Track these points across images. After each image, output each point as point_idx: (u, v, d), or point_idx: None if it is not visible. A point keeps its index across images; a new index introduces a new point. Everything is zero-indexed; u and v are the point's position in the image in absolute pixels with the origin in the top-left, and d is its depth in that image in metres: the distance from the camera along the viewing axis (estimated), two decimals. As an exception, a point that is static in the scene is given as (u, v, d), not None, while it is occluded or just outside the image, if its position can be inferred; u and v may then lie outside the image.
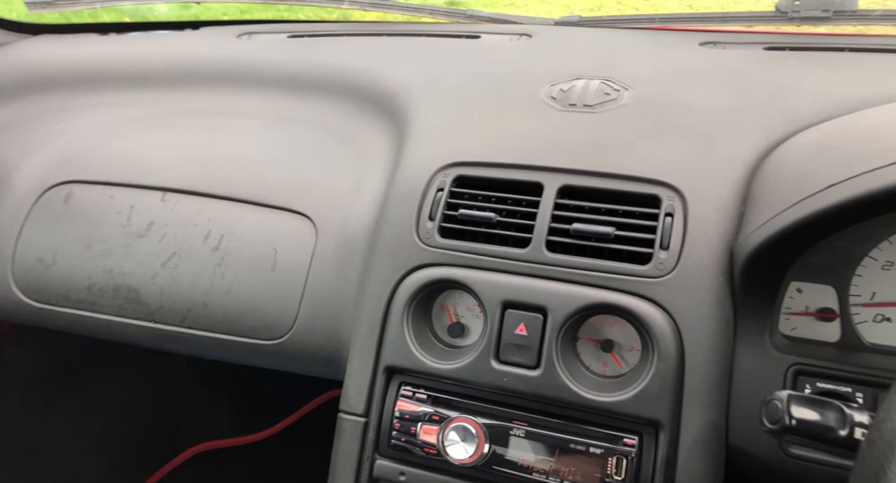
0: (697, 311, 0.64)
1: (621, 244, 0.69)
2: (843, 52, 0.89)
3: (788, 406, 0.45)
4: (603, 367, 0.71)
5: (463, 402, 0.69)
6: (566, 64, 0.95)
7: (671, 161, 0.72)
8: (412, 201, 0.76)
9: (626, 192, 0.71)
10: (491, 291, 0.70)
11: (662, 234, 0.68)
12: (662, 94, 0.84)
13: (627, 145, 0.76)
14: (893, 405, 0.31)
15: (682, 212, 0.68)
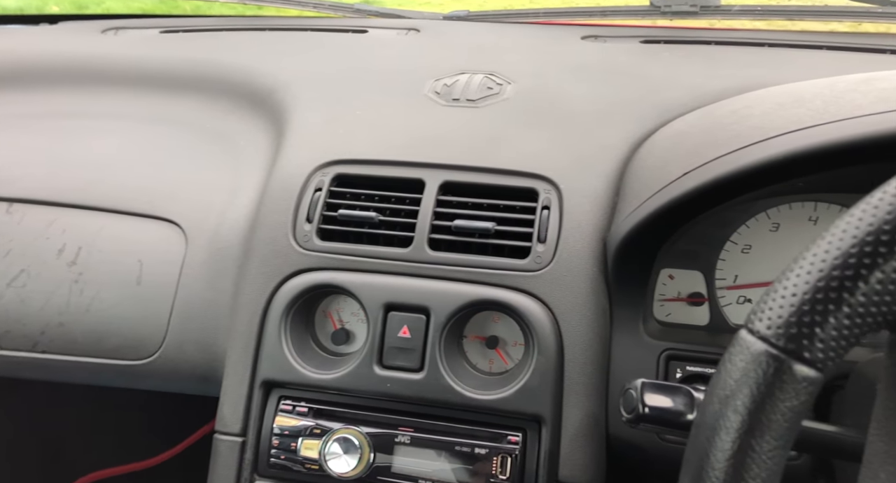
0: (574, 303, 0.65)
1: (502, 239, 0.68)
2: (710, 45, 0.93)
3: (642, 394, 0.45)
4: (489, 364, 0.70)
5: (346, 412, 0.66)
6: (452, 59, 0.93)
7: (548, 154, 0.72)
8: (288, 203, 0.72)
9: (505, 187, 0.71)
10: (372, 294, 0.67)
11: (539, 227, 0.68)
12: (543, 87, 0.85)
13: (507, 139, 0.75)
14: (714, 389, 0.31)
15: (558, 204, 0.69)
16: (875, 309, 0.27)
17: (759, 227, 0.66)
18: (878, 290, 0.27)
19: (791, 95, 0.59)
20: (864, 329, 0.28)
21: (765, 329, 0.29)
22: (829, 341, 0.28)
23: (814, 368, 0.28)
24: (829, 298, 0.28)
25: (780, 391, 0.28)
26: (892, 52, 0.83)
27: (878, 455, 0.35)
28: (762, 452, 0.29)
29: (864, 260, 0.27)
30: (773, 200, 0.65)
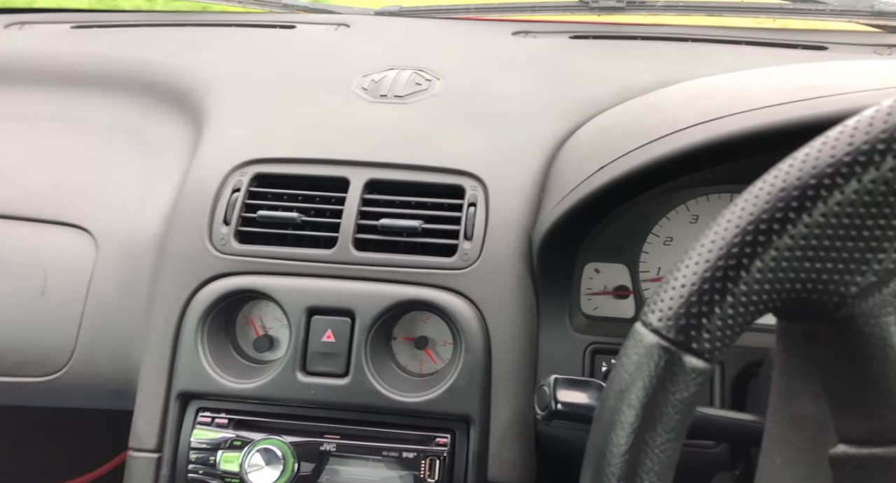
0: (501, 300, 0.64)
1: (429, 237, 0.67)
2: (637, 40, 0.95)
3: (554, 391, 0.45)
4: (419, 365, 0.69)
5: (269, 421, 0.64)
6: (381, 55, 0.92)
7: (475, 150, 0.72)
8: (204, 205, 0.69)
9: (432, 184, 0.70)
10: (293, 298, 0.65)
11: (466, 224, 0.67)
12: (472, 83, 0.84)
13: (434, 136, 0.74)
14: (611, 383, 0.30)
15: (485, 201, 0.68)
16: (757, 297, 0.28)
17: (679, 220, 0.67)
18: (759, 279, 0.27)
19: (702, 89, 0.60)
20: (749, 317, 0.28)
21: (656, 321, 0.29)
22: (716, 331, 0.28)
23: (702, 359, 0.28)
24: (714, 288, 0.28)
25: (670, 383, 0.28)
26: (804, 47, 0.86)
27: (774, 441, 0.35)
28: (655, 446, 0.29)
29: (745, 249, 0.27)
30: (692, 192, 0.66)
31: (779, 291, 0.28)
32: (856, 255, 0.27)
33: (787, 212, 0.27)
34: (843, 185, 0.26)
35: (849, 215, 0.26)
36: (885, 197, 0.26)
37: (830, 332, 0.29)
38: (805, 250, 0.27)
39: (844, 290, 0.28)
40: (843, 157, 0.26)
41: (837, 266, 0.27)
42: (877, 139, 0.26)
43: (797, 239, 0.27)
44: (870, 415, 0.29)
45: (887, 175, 0.26)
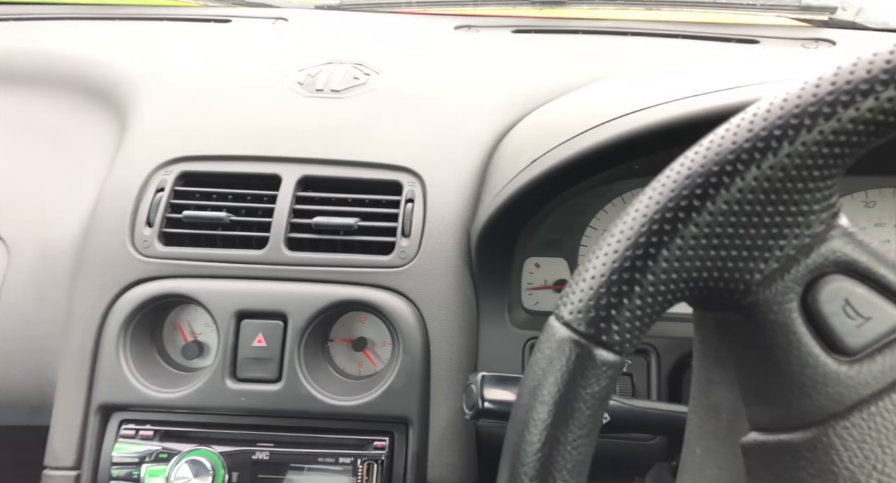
0: (439, 298, 0.63)
1: (367, 235, 0.65)
2: (578, 34, 0.95)
3: (482, 389, 0.44)
4: (358, 367, 0.67)
5: (197, 432, 0.61)
6: (319, 49, 0.90)
7: (413, 146, 0.71)
8: (125, 206, 0.66)
9: (369, 180, 0.68)
10: (221, 301, 0.62)
11: (404, 221, 0.66)
12: (411, 78, 0.83)
13: (371, 131, 0.73)
14: (526, 379, 0.29)
15: (423, 197, 0.67)
16: (664, 287, 0.27)
17: (616, 212, 0.67)
18: (666, 268, 0.27)
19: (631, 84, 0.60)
20: (658, 308, 0.28)
21: (567, 315, 0.28)
22: (625, 323, 0.27)
23: (612, 352, 0.27)
24: (622, 280, 0.27)
25: (581, 377, 0.28)
26: (737, 41, 0.88)
27: (695, 431, 0.35)
28: (567, 443, 0.28)
29: (651, 239, 0.27)
30: (627, 184, 0.66)
31: (686, 281, 0.27)
32: (758, 241, 0.27)
33: (692, 200, 0.27)
34: (743, 172, 0.26)
35: (750, 202, 0.26)
36: (783, 183, 0.26)
37: (739, 320, 0.29)
38: (710, 238, 0.27)
39: (749, 278, 0.28)
40: (744, 144, 0.26)
41: (741, 253, 0.27)
42: (774, 125, 0.26)
43: (702, 227, 0.27)
44: (776, 402, 0.29)
45: (784, 161, 0.26)
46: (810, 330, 0.28)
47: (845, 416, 0.27)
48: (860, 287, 0.27)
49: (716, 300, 0.28)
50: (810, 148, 0.25)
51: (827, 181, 0.26)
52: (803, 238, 0.27)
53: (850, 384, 0.27)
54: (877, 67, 0.25)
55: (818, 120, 0.25)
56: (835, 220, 0.28)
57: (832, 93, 0.25)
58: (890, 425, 0.26)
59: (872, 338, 0.27)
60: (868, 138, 0.25)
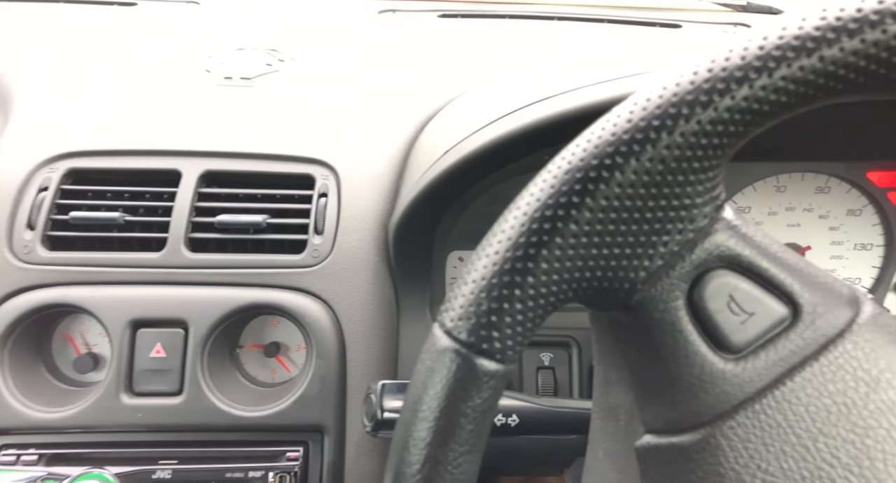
0: (356, 298, 0.61)
1: (277, 233, 0.62)
2: (504, 19, 0.94)
3: (381, 398, 0.42)
4: (271, 374, 0.64)
5: (91, 452, 0.57)
6: (231, 34, 0.85)
7: (327, 137, 0.68)
8: (1, 208, 0.61)
9: (279, 174, 0.65)
10: (114, 310, 0.58)
11: (316, 217, 0.63)
12: (328, 65, 0.80)
13: (283, 121, 0.70)
14: (408, 393, 0.28)
15: (337, 191, 0.64)
16: (546, 289, 0.26)
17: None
18: (547, 269, 0.26)
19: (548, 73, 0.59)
20: (542, 311, 0.26)
21: (448, 322, 0.27)
22: (506, 329, 0.26)
23: (494, 361, 0.26)
24: (502, 283, 0.26)
25: (462, 390, 0.26)
26: (661, 26, 0.89)
27: (597, 432, 0.35)
28: (447, 463, 0.27)
29: (531, 239, 0.26)
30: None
31: (569, 281, 0.26)
32: (641, 238, 0.26)
33: (571, 197, 0.25)
34: (623, 166, 0.25)
35: (631, 197, 0.25)
36: (664, 176, 0.25)
37: (628, 320, 0.28)
38: (591, 236, 0.26)
39: (634, 276, 0.27)
40: (623, 136, 0.25)
41: (625, 251, 0.26)
42: (653, 115, 0.25)
43: (582, 225, 0.25)
44: (666, 403, 0.28)
45: (663, 153, 0.25)
46: (697, 328, 0.27)
47: (731, 416, 0.26)
48: (744, 282, 0.27)
49: (604, 300, 0.28)
50: (689, 139, 0.25)
51: (708, 173, 0.26)
52: (687, 233, 0.27)
53: (735, 382, 0.27)
54: (750, 54, 0.24)
55: (695, 109, 0.24)
56: (719, 213, 0.27)
57: (708, 81, 0.24)
58: (773, 423, 0.26)
59: (756, 334, 0.27)
60: (745, 128, 0.25)
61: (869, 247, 0.70)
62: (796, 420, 0.26)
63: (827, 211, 0.70)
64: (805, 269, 0.28)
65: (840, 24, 0.23)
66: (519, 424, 0.41)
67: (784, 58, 0.23)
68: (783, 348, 0.27)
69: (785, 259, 0.27)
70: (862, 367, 0.26)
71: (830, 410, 0.25)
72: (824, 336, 0.27)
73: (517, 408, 0.41)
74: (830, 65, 0.23)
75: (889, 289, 0.70)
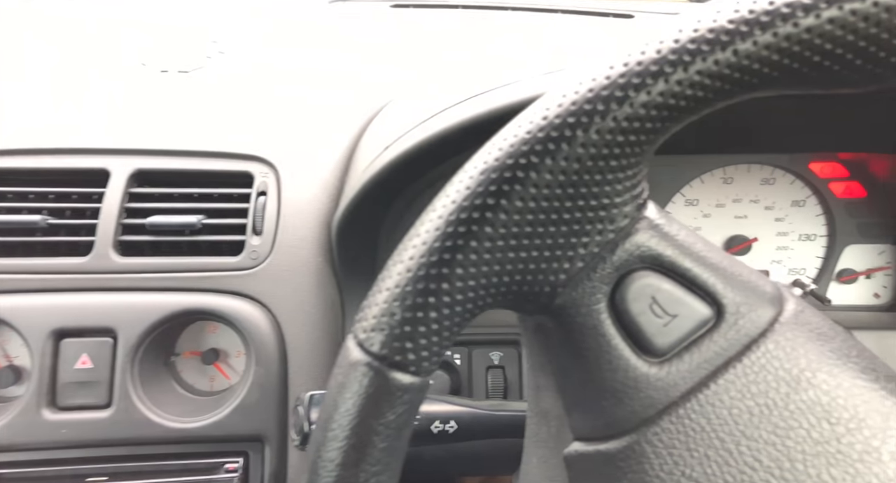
0: (296, 301, 0.59)
1: (213, 234, 0.60)
2: (457, 10, 0.93)
3: (309, 410, 0.41)
4: (210, 382, 0.62)
5: (11, 472, 0.54)
6: (168, 22, 0.82)
7: (267, 132, 0.66)
8: None
9: (215, 172, 0.63)
10: (33, 319, 0.55)
11: (255, 216, 0.61)
12: (271, 56, 0.78)
13: (220, 116, 0.67)
14: (321, 411, 0.26)
15: (277, 189, 0.62)
16: (463, 296, 0.25)
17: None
18: (462, 275, 0.25)
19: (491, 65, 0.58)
20: (460, 319, 0.25)
21: (361, 333, 0.25)
22: (420, 340, 0.25)
23: (409, 374, 0.25)
24: (416, 291, 0.25)
25: (374, 406, 0.25)
26: (614, 16, 0.89)
27: (531, 438, 0.34)
28: None
29: (446, 243, 0.25)
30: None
31: (487, 287, 0.25)
32: (560, 240, 0.25)
33: (486, 198, 0.24)
34: (538, 165, 0.24)
35: (547, 198, 0.25)
36: (581, 175, 0.24)
37: (552, 324, 0.28)
38: (508, 239, 0.25)
39: (554, 279, 0.26)
40: (538, 134, 0.24)
41: (543, 254, 0.25)
42: (568, 112, 0.24)
43: (498, 228, 0.25)
44: (592, 409, 0.27)
45: (579, 152, 0.24)
46: (620, 331, 0.27)
47: (656, 422, 0.26)
48: (667, 282, 0.27)
49: (525, 304, 0.27)
50: (605, 136, 0.24)
51: (627, 171, 0.25)
52: (607, 234, 0.26)
53: (659, 387, 0.26)
54: (665, 48, 0.23)
55: (611, 105, 0.24)
56: (641, 212, 0.26)
57: (623, 76, 0.24)
58: (697, 427, 0.26)
59: (679, 336, 0.26)
60: (663, 124, 0.24)
61: (813, 237, 0.71)
62: (720, 423, 0.25)
63: (773, 202, 0.71)
64: (729, 268, 0.27)
65: (753, 17, 0.22)
66: (458, 430, 0.40)
67: (699, 51, 0.23)
68: (707, 350, 0.26)
69: (708, 258, 0.27)
70: (783, 366, 0.26)
71: (753, 412, 0.25)
72: (747, 336, 0.26)
73: (455, 413, 0.40)
74: (744, 59, 0.23)
75: (832, 278, 0.71)
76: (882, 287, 0.71)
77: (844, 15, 0.21)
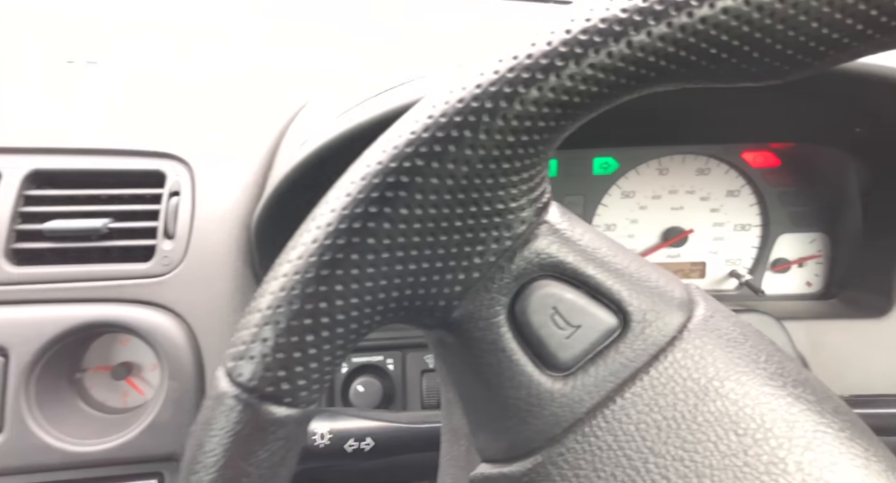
0: (213, 310, 0.56)
1: (121, 239, 0.56)
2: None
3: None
4: (123, 398, 0.58)
5: None
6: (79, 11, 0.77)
7: (181, 127, 0.62)
8: None
9: (122, 172, 0.59)
10: (-89, 340, 0.50)
11: (166, 218, 0.57)
12: (189, 44, 0.73)
13: (130, 110, 0.63)
14: (186, 448, 0.24)
15: (191, 188, 0.59)
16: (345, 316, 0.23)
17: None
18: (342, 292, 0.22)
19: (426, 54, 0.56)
20: (345, 342, 0.23)
21: (229, 362, 0.23)
22: (296, 367, 0.22)
23: (285, 406, 0.23)
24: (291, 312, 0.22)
25: (243, 445, 0.22)
26: (554, 2, 0.88)
27: (445, 456, 0.33)
28: None
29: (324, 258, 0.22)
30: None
31: (373, 304, 0.23)
32: (453, 250, 0.24)
33: (368, 206, 0.22)
34: (423, 169, 0.22)
35: (436, 204, 0.23)
36: (471, 179, 0.23)
37: (451, 339, 0.26)
38: (394, 251, 0.23)
39: (449, 292, 0.24)
40: (423, 135, 0.22)
41: (436, 265, 0.24)
42: (454, 110, 0.22)
43: (381, 238, 0.22)
44: (496, 429, 0.26)
45: (468, 154, 0.22)
46: (521, 346, 0.25)
47: (561, 441, 0.25)
48: (569, 291, 0.25)
49: (421, 318, 0.25)
50: (495, 136, 0.22)
51: (523, 174, 0.23)
52: (504, 241, 0.24)
53: (564, 403, 0.25)
54: (556, 40, 0.21)
55: (499, 103, 0.22)
56: (541, 216, 0.25)
57: (512, 70, 0.22)
58: (604, 445, 0.24)
59: (583, 349, 0.25)
60: (558, 122, 0.22)
61: (748, 227, 0.72)
62: (626, 440, 0.24)
63: (708, 193, 0.71)
64: (636, 273, 0.26)
65: (646, 5, 0.21)
66: (374, 447, 0.38)
67: (591, 43, 0.21)
68: (613, 362, 0.25)
69: (613, 263, 0.26)
70: (691, 376, 0.25)
71: (660, 427, 0.24)
72: (654, 345, 0.25)
73: (371, 430, 0.38)
74: (639, 51, 0.21)
75: (766, 268, 0.72)
76: (814, 275, 0.72)
77: (738, 5, 0.20)
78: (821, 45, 0.21)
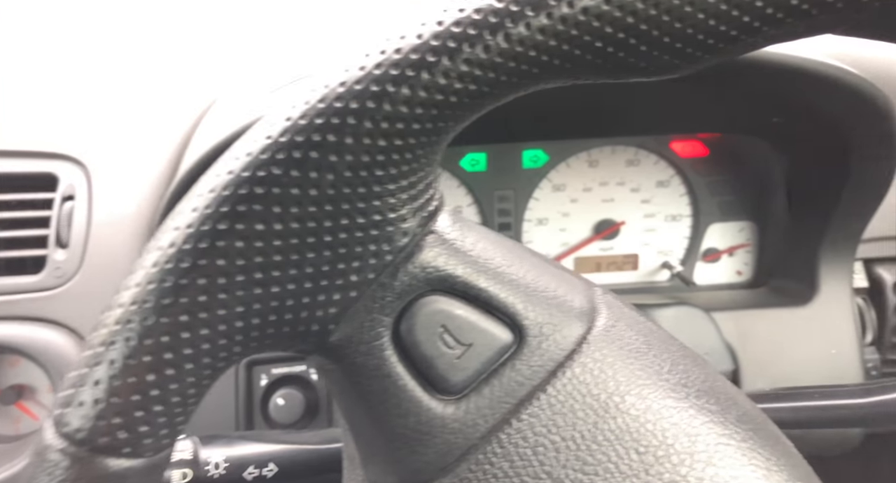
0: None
1: (9, 249, 0.52)
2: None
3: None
4: (15, 425, 0.54)
5: None
6: None
7: (76, 124, 0.58)
8: None
9: (10, 175, 0.54)
10: None
11: (59, 226, 0.53)
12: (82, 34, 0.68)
13: (16, 106, 0.58)
14: None
15: (87, 193, 0.54)
16: (193, 350, 0.20)
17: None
18: (190, 323, 0.20)
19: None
20: (199, 380, 0.20)
21: (56, 410, 0.20)
22: (136, 412, 0.19)
23: (124, 457, 0.20)
24: (131, 350, 0.19)
25: None
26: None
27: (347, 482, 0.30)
28: None
29: (164, 284, 0.20)
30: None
31: (229, 335, 0.20)
32: (324, 268, 0.21)
33: (217, 223, 0.20)
34: (281, 178, 0.20)
35: (299, 218, 0.20)
36: (339, 189, 0.20)
37: (331, 365, 0.24)
38: (250, 272, 0.20)
39: (323, 315, 0.22)
40: (280, 139, 0.20)
41: (304, 285, 0.21)
42: (315, 112, 0.20)
43: (234, 258, 0.20)
44: (385, 461, 0.24)
45: (332, 160, 0.20)
46: (408, 369, 0.23)
47: (453, 471, 0.23)
48: (460, 307, 0.23)
49: (294, 345, 0.23)
50: (362, 141, 0.20)
51: (401, 181, 0.21)
52: (384, 256, 0.22)
53: (457, 429, 0.23)
54: (427, 32, 0.19)
55: (366, 103, 0.19)
56: (427, 226, 0.23)
57: (380, 66, 0.20)
58: (499, 472, 0.23)
59: (476, 369, 0.23)
60: (436, 124, 0.20)
61: (678, 217, 0.73)
62: (523, 465, 0.23)
63: (638, 184, 0.71)
64: (532, 283, 0.24)
65: None
66: (278, 473, 0.35)
67: (465, 36, 0.19)
68: (508, 381, 0.23)
69: (507, 274, 0.24)
70: (591, 392, 0.23)
71: (559, 448, 0.23)
72: (552, 361, 0.24)
73: (273, 454, 0.36)
74: (518, 45, 0.19)
75: (698, 258, 0.73)
76: (744, 264, 0.73)
77: None
78: (709, 38, 0.20)
